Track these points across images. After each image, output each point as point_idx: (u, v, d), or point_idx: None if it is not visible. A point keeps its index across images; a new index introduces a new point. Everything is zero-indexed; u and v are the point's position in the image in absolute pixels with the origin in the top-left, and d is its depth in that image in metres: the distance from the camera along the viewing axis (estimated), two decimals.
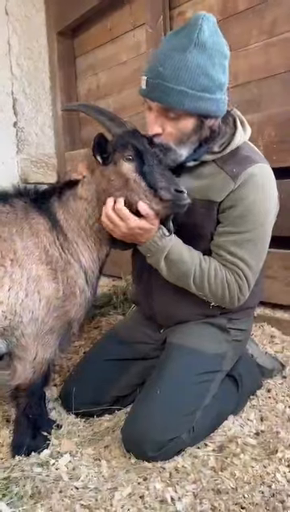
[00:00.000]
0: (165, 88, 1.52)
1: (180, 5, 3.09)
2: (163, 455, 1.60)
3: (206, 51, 1.52)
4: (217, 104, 1.58)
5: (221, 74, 1.57)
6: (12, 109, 4.07)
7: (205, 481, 1.48)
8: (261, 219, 1.65)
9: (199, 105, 1.54)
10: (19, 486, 1.45)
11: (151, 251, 1.65)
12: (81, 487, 1.48)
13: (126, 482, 1.49)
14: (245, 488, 1.44)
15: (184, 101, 1.53)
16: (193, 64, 1.50)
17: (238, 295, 1.69)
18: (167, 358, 1.79)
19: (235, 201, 1.63)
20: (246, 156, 1.67)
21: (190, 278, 1.67)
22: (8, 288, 1.56)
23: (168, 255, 1.65)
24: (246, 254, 1.66)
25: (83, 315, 1.75)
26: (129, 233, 1.61)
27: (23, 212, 1.66)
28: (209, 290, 1.68)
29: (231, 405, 1.86)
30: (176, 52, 1.51)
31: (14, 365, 1.65)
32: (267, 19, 2.58)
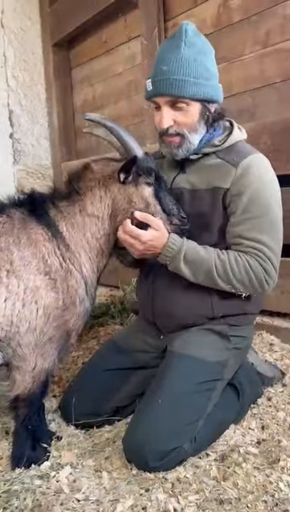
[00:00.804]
0: (171, 81, 1.68)
1: (174, 17, 3.14)
2: (165, 465, 1.58)
3: (196, 47, 1.71)
4: (215, 89, 1.76)
5: (213, 66, 1.77)
6: (8, 120, 4.09)
7: (207, 492, 1.47)
8: (271, 201, 1.72)
9: (201, 90, 1.70)
10: (20, 499, 1.42)
11: (169, 257, 1.72)
12: (83, 499, 1.46)
13: (127, 494, 1.47)
14: (248, 498, 1.43)
15: (188, 89, 1.68)
16: (190, 58, 1.69)
17: (265, 278, 1.70)
18: (167, 367, 1.78)
19: (241, 188, 1.70)
20: (244, 149, 1.79)
21: (214, 272, 1.70)
22: (4, 299, 1.54)
23: (186, 256, 1.70)
24: (266, 237, 1.70)
25: (82, 325, 1.73)
26: (145, 249, 1.70)
27: (21, 222, 1.64)
28: (235, 279, 1.70)
29: (232, 414, 1.85)
30: (173, 52, 1.71)
31: (13, 375, 1.63)
32: (261, 30, 2.62)
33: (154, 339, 1.95)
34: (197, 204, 1.78)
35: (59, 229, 1.67)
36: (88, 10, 3.75)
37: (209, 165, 1.79)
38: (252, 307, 1.88)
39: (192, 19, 3.00)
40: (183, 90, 1.68)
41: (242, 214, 1.71)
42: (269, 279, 1.72)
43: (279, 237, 1.75)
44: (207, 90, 1.71)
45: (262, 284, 1.72)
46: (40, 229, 1.64)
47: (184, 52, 1.69)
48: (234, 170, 1.72)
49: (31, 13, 4.17)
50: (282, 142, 2.44)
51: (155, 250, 1.72)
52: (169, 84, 1.68)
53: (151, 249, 1.71)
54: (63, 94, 4.31)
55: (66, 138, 4.34)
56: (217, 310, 1.80)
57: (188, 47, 1.69)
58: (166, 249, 1.70)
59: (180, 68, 1.68)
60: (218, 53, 2.82)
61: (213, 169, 1.78)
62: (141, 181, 1.69)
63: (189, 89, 1.68)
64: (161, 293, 1.85)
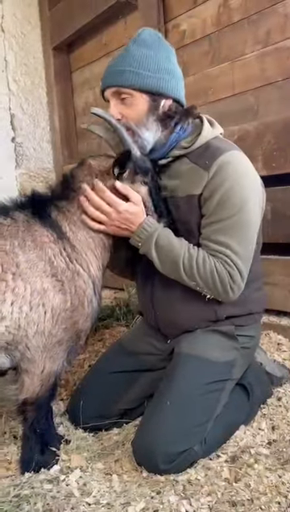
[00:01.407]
0: (112, 73, 1.72)
1: (174, 17, 3.13)
2: (175, 467, 1.57)
3: (146, 44, 1.71)
4: (161, 82, 1.71)
5: (166, 61, 1.73)
6: (10, 124, 4.09)
7: (219, 493, 1.45)
8: (240, 204, 1.64)
9: (144, 81, 1.68)
10: (30, 504, 1.41)
11: (142, 239, 1.69)
12: (93, 503, 1.45)
13: (138, 497, 1.46)
14: (261, 499, 1.41)
15: (128, 78, 1.68)
16: (136, 52, 1.70)
17: (230, 284, 1.65)
18: (175, 368, 1.76)
19: (212, 191, 1.65)
20: (217, 147, 1.72)
21: (180, 265, 1.66)
22: (11, 302, 1.53)
23: (158, 241, 1.67)
24: (231, 241, 1.64)
25: (90, 326, 1.72)
26: (120, 222, 1.66)
27: (25, 225, 1.63)
28: (199, 277, 1.66)
29: (242, 414, 1.83)
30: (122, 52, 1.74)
31: (22, 378, 1.61)
32: (262, 29, 2.61)
33: (160, 342, 1.94)
34: (176, 211, 1.75)
35: (62, 230, 1.65)
36: (87, 13, 3.74)
37: (183, 171, 1.75)
38: (256, 306, 1.86)
39: (192, 20, 3.01)
40: (122, 79, 1.68)
41: (211, 216, 1.67)
42: (234, 286, 1.66)
43: (248, 242, 1.68)
44: (151, 81, 1.68)
45: (226, 289, 1.66)
46: (45, 230, 1.63)
47: (131, 49, 1.71)
48: (206, 174, 1.67)
49: (31, 17, 4.17)
50: (285, 140, 2.43)
51: (130, 227, 1.68)
52: (112, 76, 1.71)
53: (126, 223, 1.67)
54: (64, 97, 4.30)
55: (68, 141, 4.33)
56: (220, 313, 1.78)
57: (136, 45, 1.71)
58: (140, 230, 1.68)
59: (123, 60, 1.70)
60: (219, 53, 2.87)
61: (186, 175, 1.73)
62: (137, 179, 1.69)
63: (129, 78, 1.67)
64: (162, 305, 1.83)
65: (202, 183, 1.67)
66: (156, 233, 1.68)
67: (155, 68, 1.69)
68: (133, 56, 1.69)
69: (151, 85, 1.69)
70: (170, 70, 1.73)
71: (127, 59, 1.69)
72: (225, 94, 2.86)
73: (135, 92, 1.69)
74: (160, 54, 1.72)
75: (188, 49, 3.06)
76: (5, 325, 1.52)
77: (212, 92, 2.94)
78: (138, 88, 1.69)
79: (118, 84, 1.70)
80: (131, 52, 1.70)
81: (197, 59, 3.01)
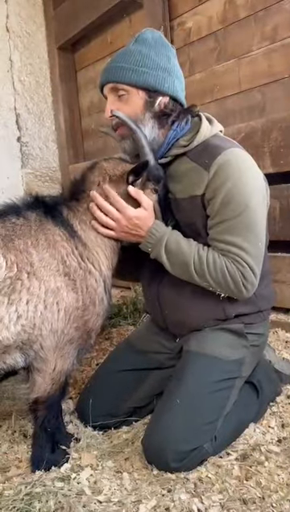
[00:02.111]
0: (109, 69, 1.74)
1: (180, 15, 3.12)
2: (186, 465, 1.56)
3: (146, 43, 1.72)
4: (157, 79, 1.71)
5: (164, 60, 1.73)
6: (15, 124, 4.09)
7: (230, 491, 1.45)
8: (245, 202, 1.62)
9: (140, 77, 1.69)
10: (42, 502, 1.41)
11: (151, 244, 1.70)
12: (105, 501, 1.45)
13: (150, 494, 1.46)
14: (272, 497, 1.41)
15: (125, 74, 1.69)
16: (135, 50, 1.71)
17: (243, 282, 1.64)
18: (184, 367, 1.76)
19: (215, 191, 1.64)
20: (216, 145, 1.70)
21: (191, 266, 1.66)
22: (26, 301, 1.53)
23: (167, 245, 1.68)
24: (239, 239, 1.63)
25: (101, 325, 1.72)
26: (129, 228, 1.68)
27: (37, 224, 1.64)
28: (211, 278, 1.65)
29: (252, 412, 1.82)
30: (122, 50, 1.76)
31: (34, 377, 1.62)
32: (269, 26, 2.60)
33: (169, 341, 1.94)
34: (181, 213, 1.75)
35: (74, 229, 1.66)
36: (92, 12, 3.74)
37: (184, 171, 1.74)
38: (265, 304, 1.85)
39: (198, 17, 3.00)
40: (119, 75, 1.69)
41: (216, 217, 1.65)
42: (247, 284, 1.64)
43: (258, 239, 1.66)
44: (147, 78, 1.69)
45: (239, 288, 1.64)
46: (57, 229, 1.63)
47: (131, 47, 1.72)
48: (206, 173, 1.65)
49: (36, 17, 4.18)
50: None
51: (139, 233, 1.69)
52: (109, 72, 1.73)
53: (135, 229, 1.68)
54: (69, 97, 4.31)
55: (73, 141, 4.34)
56: (229, 311, 1.77)
57: (136, 44, 1.72)
58: (149, 235, 1.69)
59: (122, 57, 1.71)
60: (225, 50, 2.86)
61: (187, 176, 1.72)
62: (149, 186, 1.71)
63: (126, 75, 1.68)
64: (170, 304, 1.83)
65: (203, 183, 1.66)
66: (165, 237, 1.68)
67: (152, 66, 1.70)
68: (131, 54, 1.70)
69: (148, 82, 1.70)
70: (168, 69, 1.73)
71: (126, 56, 1.71)
72: (232, 91, 2.86)
73: (132, 88, 1.70)
74: (159, 53, 1.72)
75: (193, 47, 3.06)
76: (21, 324, 1.53)
77: (218, 89, 2.93)
78: (135, 84, 1.70)
79: (114, 80, 1.71)
80: (130, 50, 1.72)
81: (203, 56, 3.00)
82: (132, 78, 1.69)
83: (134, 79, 1.69)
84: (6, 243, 1.56)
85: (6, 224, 1.60)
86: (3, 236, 1.57)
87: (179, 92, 1.78)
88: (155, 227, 1.69)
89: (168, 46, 1.78)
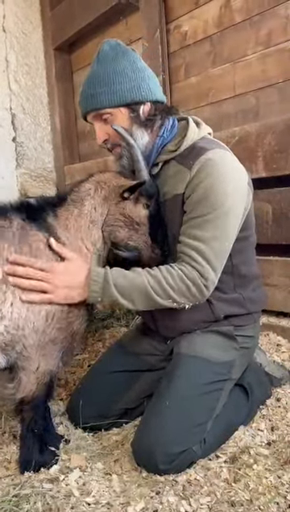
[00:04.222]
0: (85, 99, 1.75)
1: (176, 18, 3.13)
2: (175, 467, 1.57)
3: (107, 59, 1.72)
4: (132, 91, 1.71)
5: (130, 69, 1.71)
6: (11, 124, 4.08)
7: (219, 494, 1.46)
8: (219, 201, 1.61)
9: (114, 96, 1.70)
10: (30, 503, 1.41)
11: (98, 291, 1.61)
12: (93, 503, 1.45)
13: (138, 497, 1.46)
14: (260, 499, 1.41)
15: (101, 99, 1.70)
16: (100, 71, 1.72)
17: (202, 282, 1.61)
18: (174, 368, 1.77)
19: (193, 188, 1.65)
20: (201, 147, 1.71)
21: (150, 291, 1.60)
22: (10, 303, 1.54)
23: (116, 283, 1.60)
24: (207, 235, 1.61)
25: (84, 327, 1.73)
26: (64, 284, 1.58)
27: (22, 228, 1.63)
28: (173, 291, 1.61)
29: (242, 415, 1.83)
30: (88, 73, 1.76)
31: (19, 376, 1.62)
32: (263, 31, 2.61)
33: (160, 343, 1.95)
34: (167, 214, 1.74)
35: (58, 235, 1.65)
36: (89, 14, 3.74)
37: (171, 174, 1.76)
38: (254, 306, 1.86)
39: (193, 21, 3.01)
40: (96, 102, 1.71)
41: (190, 213, 1.66)
42: (205, 282, 1.61)
43: (227, 238, 1.64)
44: (122, 95, 1.70)
45: (200, 289, 1.61)
46: (41, 235, 1.63)
47: (95, 69, 1.73)
48: (188, 172, 1.67)
49: (33, 17, 4.17)
50: (286, 141, 2.43)
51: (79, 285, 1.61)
52: (86, 102, 1.74)
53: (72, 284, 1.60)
54: (65, 97, 4.30)
55: (68, 142, 4.33)
56: (217, 312, 1.78)
57: (99, 64, 1.73)
58: (91, 283, 1.60)
59: (91, 82, 1.72)
60: (221, 54, 2.88)
61: (173, 177, 1.74)
62: (140, 201, 1.70)
63: (101, 100, 1.70)
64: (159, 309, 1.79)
65: (185, 182, 1.68)
66: (109, 276, 1.61)
67: (122, 80, 1.70)
68: (98, 76, 1.71)
69: (124, 98, 1.71)
70: (137, 75, 1.73)
71: (94, 80, 1.71)
72: (227, 95, 2.87)
73: (112, 109, 1.72)
74: (123, 64, 1.71)
75: (189, 50, 3.07)
76: (4, 325, 1.53)
77: (213, 93, 2.94)
78: (114, 105, 1.71)
79: (93, 108, 1.73)
80: (96, 72, 1.72)
81: (199, 60, 3.01)
82: (108, 101, 1.70)
83: (110, 102, 1.70)
84: None
85: None
86: None
87: (156, 92, 1.78)
88: (92, 272, 1.62)
89: (128, 51, 1.77)
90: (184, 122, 1.81)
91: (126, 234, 1.70)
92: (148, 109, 1.76)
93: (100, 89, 1.69)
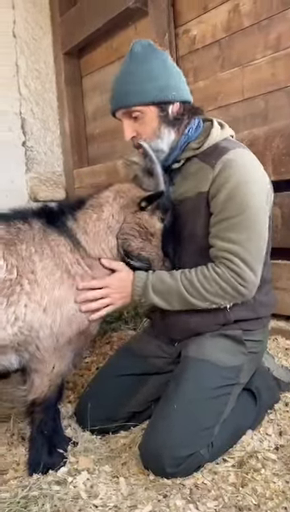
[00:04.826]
0: (116, 95, 1.78)
1: (185, 23, 3.14)
2: (182, 471, 1.57)
3: (139, 57, 1.75)
4: (163, 91, 1.74)
5: (162, 68, 1.75)
6: (21, 128, 4.13)
7: (226, 498, 1.46)
8: (247, 201, 1.64)
9: (148, 95, 1.72)
10: (38, 505, 1.42)
11: (139, 295, 1.75)
12: (100, 505, 1.46)
13: (145, 500, 1.46)
14: (268, 504, 1.41)
15: (135, 97, 1.73)
16: (132, 68, 1.74)
17: (239, 283, 1.64)
18: (182, 372, 1.77)
19: (218, 188, 1.67)
20: (224, 147, 1.74)
21: (185, 294, 1.69)
22: (24, 305, 1.56)
23: (154, 287, 1.72)
24: (242, 237, 1.64)
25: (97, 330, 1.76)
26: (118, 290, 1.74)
27: (42, 232, 1.67)
28: (208, 294, 1.67)
29: (249, 419, 1.83)
30: (120, 70, 1.80)
31: (32, 378, 1.64)
32: (272, 35, 2.61)
33: (168, 345, 1.95)
34: (185, 212, 1.77)
35: (78, 239, 1.70)
36: (98, 19, 3.78)
37: (193, 171, 1.78)
38: (265, 310, 1.86)
39: (202, 25, 3.02)
40: (127, 100, 1.73)
41: (219, 214, 1.67)
42: (244, 283, 1.64)
43: (260, 237, 1.68)
44: (154, 94, 1.72)
45: (237, 290, 1.65)
46: (62, 239, 1.67)
47: (127, 66, 1.76)
48: (211, 171, 1.69)
49: (43, 23, 4.22)
50: None
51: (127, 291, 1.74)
52: (117, 98, 1.77)
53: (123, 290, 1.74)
54: (74, 102, 4.33)
55: (78, 146, 4.36)
56: (229, 316, 1.78)
57: (131, 61, 1.75)
58: (134, 288, 1.74)
59: (123, 80, 1.75)
60: (229, 58, 2.88)
61: (195, 175, 1.77)
62: (156, 214, 1.74)
63: (133, 98, 1.72)
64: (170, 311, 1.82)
65: (209, 180, 1.70)
66: (149, 282, 1.73)
67: (154, 80, 1.72)
68: (131, 74, 1.73)
69: (155, 97, 1.73)
70: (168, 75, 1.76)
71: (127, 78, 1.74)
72: (235, 99, 2.87)
73: (143, 107, 1.74)
74: (155, 63, 1.74)
75: (198, 54, 3.08)
76: (18, 326, 1.55)
77: (222, 97, 2.95)
78: (144, 103, 1.73)
79: (124, 105, 1.75)
80: (129, 70, 1.75)
81: (207, 64, 3.02)
82: (139, 99, 1.72)
83: (141, 100, 1.72)
84: (9, 247, 1.58)
85: (11, 228, 1.63)
86: (6, 239, 1.59)
87: (184, 92, 1.82)
88: (136, 279, 1.74)
89: (159, 51, 1.80)
90: (209, 123, 1.84)
91: (139, 244, 1.75)
92: (177, 108, 1.78)
93: (131, 87, 1.72)
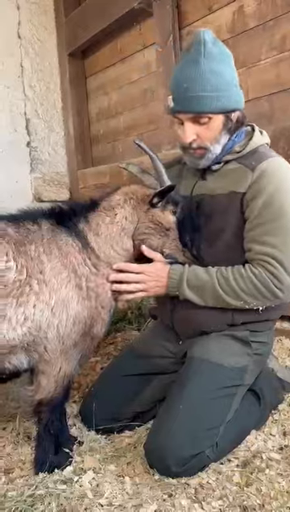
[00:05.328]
0: (192, 99, 1.69)
1: (189, 24, 3.15)
2: (187, 471, 1.58)
3: (215, 58, 1.70)
4: (235, 97, 1.74)
5: (232, 72, 1.75)
6: (25, 129, 4.15)
7: (231, 498, 1.46)
8: (285, 206, 1.67)
9: (222, 103, 1.70)
10: (44, 504, 1.44)
11: (174, 287, 1.76)
12: (106, 504, 1.47)
13: (150, 499, 1.47)
14: (272, 504, 1.42)
15: (209, 104, 1.69)
16: (209, 70, 1.68)
17: (275, 284, 1.65)
18: (188, 372, 1.78)
19: (256, 193, 1.69)
20: (263, 152, 1.77)
21: (219, 291, 1.71)
22: (33, 305, 1.58)
23: (189, 282, 1.74)
24: (279, 241, 1.66)
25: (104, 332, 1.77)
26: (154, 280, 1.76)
27: (51, 233, 1.69)
28: (243, 293, 1.68)
29: (254, 420, 1.84)
30: (192, 66, 1.70)
31: (39, 379, 1.66)
32: (277, 36, 2.62)
33: (173, 344, 1.95)
34: (215, 208, 1.78)
35: (88, 241, 1.71)
36: (102, 20, 3.78)
37: (228, 171, 1.80)
38: (273, 313, 1.86)
39: (207, 26, 3.02)
40: (203, 106, 1.69)
41: (256, 219, 1.69)
42: (280, 285, 1.65)
43: None
44: (226, 101, 1.70)
45: (273, 292, 1.66)
46: (71, 240, 1.68)
47: (203, 67, 1.67)
48: (250, 174, 1.71)
49: (47, 24, 4.23)
50: None
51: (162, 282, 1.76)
52: (190, 102, 1.69)
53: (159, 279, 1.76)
54: (78, 103, 4.35)
55: (82, 146, 4.37)
56: (237, 318, 1.79)
57: (206, 60, 1.68)
58: (169, 280, 1.76)
59: (200, 83, 1.67)
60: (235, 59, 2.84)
61: (231, 174, 1.78)
62: (167, 208, 1.78)
63: (210, 104, 1.68)
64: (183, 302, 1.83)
65: (247, 183, 1.72)
66: (184, 276, 1.75)
67: (228, 86, 1.70)
68: (207, 77, 1.66)
69: (227, 105, 1.71)
70: (235, 79, 1.75)
71: (202, 81, 1.67)
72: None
73: (213, 114, 1.71)
74: (229, 69, 1.72)
75: None
76: (27, 326, 1.57)
77: None
78: (217, 111, 1.70)
79: (196, 111, 1.70)
80: (204, 71, 1.67)
81: None
82: (213, 107, 1.69)
83: (215, 108, 1.69)
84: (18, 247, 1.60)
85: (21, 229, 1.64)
86: (16, 240, 1.61)
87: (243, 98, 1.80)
88: (171, 271, 1.76)
89: (227, 50, 1.76)
90: (250, 128, 1.86)
91: (159, 242, 1.78)
92: (239, 116, 1.77)
93: (207, 93, 1.67)
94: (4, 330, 1.54)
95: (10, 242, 1.61)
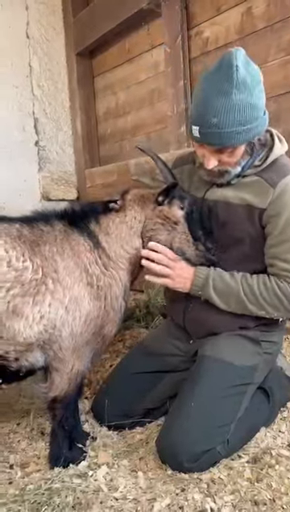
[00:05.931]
0: (220, 134, 1.61)
1: (197, 24, 3.17)
2: (199, 466, 1.62)
3: (247, 87, 1.59)
4: (263, 125, 1.68)
5: (262, 98, 1.66)
6: (33, 128, 4.18)
7: (242, 492, 1.50)
8: None
9: (251, 134, 1.64)
10: (61, 497, 1.48)
11: (199, 287, 1.78)
12: (121, 498, 1.51)
13: (164, 493, 1.51)
14: (283, 499, 1.46)
15: (239, 138, 1.63)
16: (240, 104, 1.58)
17: None
18: (199, 370, 1.81)
19: (279, 209, 1.69)
20: (284, 165, 1.75)
21: (243, 299, 1.74)
22: (49, 303, 1.62)
23: (215, 284, 1.75)
24: None
25: (116, 331, 1.81)
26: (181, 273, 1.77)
27: (64, 233, 1.73)
28: (266, 303, 1.72)
29: (263, 417, 1.87)
30: (222, 98, 1.58)
31: (52, 377, 1.70)
32: (285, 37, 2.64)
33: (183, 343, 1.99)
34: (231, 217, 1.78)
35: (99, 240, 1.76)
36: (111, 20, 3.80)
37: (247, 182, 1.77)
38: None
39: (215, 27, 3.05)
40: (233, 141, 1.62)
41: (279, 236, 1.71)
42: None
43: None
44: (255, 131, 1.64)
45: None
46: (82, 240, 1.73)
47: (234, 98, 1.56)
48: (271, 190, 1.70)
49: (56, 24, 4.26)
50: None
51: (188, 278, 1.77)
52: (219, 138, 1.61)
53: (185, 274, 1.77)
54: (86, 102, 4.38)
55: (89, 145, 4.41)
56: (249, 322, 1.83)
57: (238, 90, 1.56)
58: (195, 278, 1.76)
59: (231, 119, 1.58)
60: None
61: (249, 186, 1.76)
62: (174, 203, 1.80)
63: (239, 138, 1.62)
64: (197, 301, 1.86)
65: (267, 199, 1.70)
66: (210, 278, 1.76)
67: (257, 116, 1.62)
68: (237, 112, 1.57)
69: (253, 135, 1.65)
70: (262, 105, 1.66)
71: (233, 117, 1.57)
72: None
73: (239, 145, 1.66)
74: (259, 92, 1.63)
75: (210, 56, 3.11)
76: (43, 324, 1.61)
77: None
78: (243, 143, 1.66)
79: (224, 145, 1.64)
80: (235, 105, 1.56)
81: None
82: (244, 139, 1.63)
83: (244, 140, 1.63)
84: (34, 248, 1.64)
85: (35, 230, 1.68)
86: (31, 241, 1.65)
87: None
88: (198, 270, 1.77)
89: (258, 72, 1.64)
90: (268, 135, 1.79)
91: (167, 237, 1.79)
92: (259, 138, 1.72)
93: (239, 128, 1.58)
94: (21, 328, 1.58)
95: (26, 243, 1.65)
